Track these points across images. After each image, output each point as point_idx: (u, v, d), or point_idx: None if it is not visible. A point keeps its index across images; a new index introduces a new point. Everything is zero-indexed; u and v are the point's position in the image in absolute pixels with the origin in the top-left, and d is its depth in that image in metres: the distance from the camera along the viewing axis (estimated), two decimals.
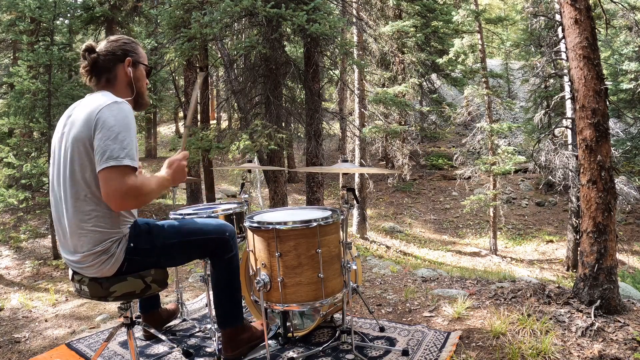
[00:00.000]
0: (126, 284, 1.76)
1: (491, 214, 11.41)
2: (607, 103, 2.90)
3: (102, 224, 1.69)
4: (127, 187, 1.55)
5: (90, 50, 1.79)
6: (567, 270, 10.03)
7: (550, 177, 11.44)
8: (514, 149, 11.44)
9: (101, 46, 1.83)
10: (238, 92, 7.31)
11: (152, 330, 2.52)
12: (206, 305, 3.25)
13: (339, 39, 7.35)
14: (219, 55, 8.21)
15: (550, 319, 2.65)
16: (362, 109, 11.77)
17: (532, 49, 13.95)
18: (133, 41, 1.90)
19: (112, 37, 1.87)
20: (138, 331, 2.70)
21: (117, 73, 1.82)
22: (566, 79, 9.63)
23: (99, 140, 1.58)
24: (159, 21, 9.87)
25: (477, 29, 11.67)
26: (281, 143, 6.53)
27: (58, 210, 1.75)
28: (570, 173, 9.77)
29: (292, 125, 9.07)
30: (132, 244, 1.75)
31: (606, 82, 2.95)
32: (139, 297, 1.84)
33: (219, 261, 2.08)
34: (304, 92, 7.63)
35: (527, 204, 14.08)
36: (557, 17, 9.83)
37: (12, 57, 10.97)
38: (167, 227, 1.92)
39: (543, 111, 11.82)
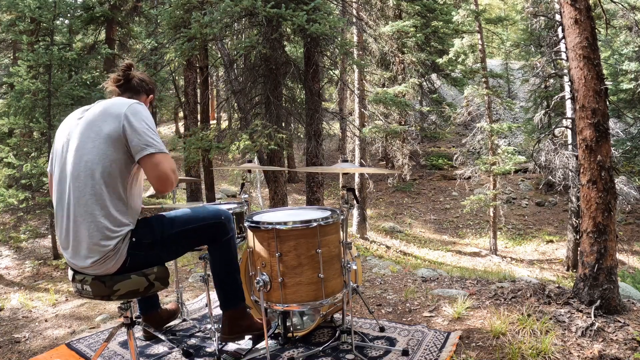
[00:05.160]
0: (130, 282, 1.77)
1: (491, 214, 11.41)
2: (607, 103, 2.90)
3: (115, 218, 1.73)
4: (173, 167, 1.78)
5: (131, 67, 2.05)
6: (567, 270, 10.03)
7: (550, 177, 11.43)
8: (514, 149, 11.44)
9: (136, 70, 2.10)
10: (238, 92, 7.30)
11: (152, 331, 2.52)
12: (206, 305, 3.25)
13: (339, 39, 7.34)
14: (219, 55, 8.22)
15: (550, 319, 2.65)
16: (362, 109, 11.77)
17: (532, 49, 13.96)
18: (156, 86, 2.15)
19: (137, 68, 2.16)
20: (138, 331, 2.70)
21: (139, 98, 2.03)
22: (566, 79, 9.63)
23: (136, 131, 1.72)
24: (159, 21, 9.87)
25: (477, 29, 11.67)
26: (281, 143, 6.52)
27: (65, 205, 1.76)
28: (570, 173, 9.77)
29: (292, 125, 9.06)
30: (134, 239, 1.78)
31: (606, 82, 2.95)
32: (142, 296, 1.86)
33: (217, 244, 2.12)
34: (304, 92, 7.63)
35: (527, 204, 14.08)
36: (557, 17, 9.83)
37: (12, 57, 10.97)
38: (165, 219, 1.95)
39: (543, 111, 11.82)
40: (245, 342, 2.47)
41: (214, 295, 2.99)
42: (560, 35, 9.45)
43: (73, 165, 1.74)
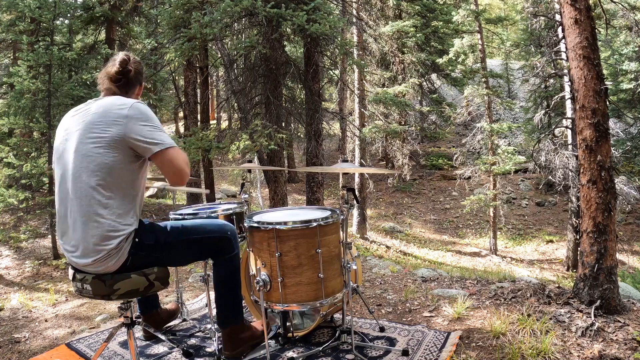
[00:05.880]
0: (130, 282, 1.77)
1: (491, 214, 11.41)
2: (607, 103, 2.90)
3: (117, 218, 1.73)
4: (186, 159, 1.81)
5: (128, 61, 1.94)
6: (567, 270, 10.03)
7: (550, 177, 11.43)
8: (514, 149, 11.43)
9: (130, 62, 1.95)
10: (238, 92, 7.30)
11: (152, 331, 2.52)
12: (206, 305, 3.25)
13: (339, 39, 7.34)
14: (219, 55, 8.21)
15: (550, 319, 2.65)
16: (362, 109, 11.76)
17: (532, 49, 13.95)
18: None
19: (132, 58, 1.97)
20: (138, 331, 2.70)
21: (134, 91, 1.99)
22: (566, 79, 9.63)
23: (142, 132, 1.73)
24: (159, 21, 9.86)
25: (477, 29, 11.67)
26: (281, 143, 6.52)
27: (67, 205, 1.76)
28: (570, 173, 9.76)
29: (292, 125, 9.07)
30: (137, 239, 1.78)
31: (606, 82, 2.95)
32: (141, 295, 1.86)
33: (220, 260, 2.12)
34: (304, 92, 7.63)
35: (527, 204, 14.07)
36: (557, 17, 9.82)
37: (12, 57, 10.97)
38: (170, 226, 1.96)
39: (543, 111, 11.82)
40: None
41: (213, 295, 3.00)
42: (560, 35, 9.45)
43: (74, 166, 1.74)
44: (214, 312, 2.95)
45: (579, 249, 3.03)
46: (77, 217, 1.73)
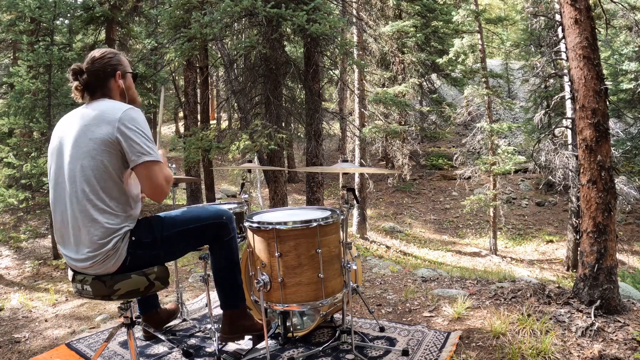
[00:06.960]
0: (130, 282, 1.77)
1: (491, 214, 11.41)
2: (607, 103, 2.90)
3: (112, 219, 1.73)
4: (169, 176, 1.79)
5: (79, 72, 1.85)
6: (567, 270, 10.03)
7: (550, 177, 11.44)
8: (514, 149, 11.43)
9: (88, 65, 1.87)
10: (238, 92, 7.30)
11: (152, 331, 2.52)
12: (206, 305, 3.25)
13: (339, 39, 7.34)
14: (219, 55, 8.21)
15: (550, 319, 2.65)
16: (362, 109, 11.76)
17: (532, 49, 13.96)
18: (116, 53, 1.95)
19: (96, 55, 1.89)
20: (138, 331, 2.70)
21: (110, 86, 1.90)
22: (566, 79, 9.63)
23: (131, 139, 1.70)
24: (159, 21, 9.87)
25: (477, 29, 11.67)
26: (281, 143, 6.53)
27: (63, 208, 1.77)
28: (570, 173, 9.76)
29: (292, 125, 9.07)
30: (133, 238, 1.78)
31: (606, 82, 2.95)
32: (142, 295, 1.86)
33: (218, 244, 2.11)
34: (304, 92, 7.63)
35: (527, 204, 14.07)
36: (557, 17, 9.82)
37: (12, 57, 10.98)
38: (166, 218, 1.96)
39: (543, 111, 11.82)
40: (245, 342, 2.47)
41: (214, 295, 2.99)
42: (560, 35, 9.45)
43: (69, 169, 1.75)
44: (214, 312, 2.96)
45: (579, 249, 3.04)
46: (73, 219, 1.73)
